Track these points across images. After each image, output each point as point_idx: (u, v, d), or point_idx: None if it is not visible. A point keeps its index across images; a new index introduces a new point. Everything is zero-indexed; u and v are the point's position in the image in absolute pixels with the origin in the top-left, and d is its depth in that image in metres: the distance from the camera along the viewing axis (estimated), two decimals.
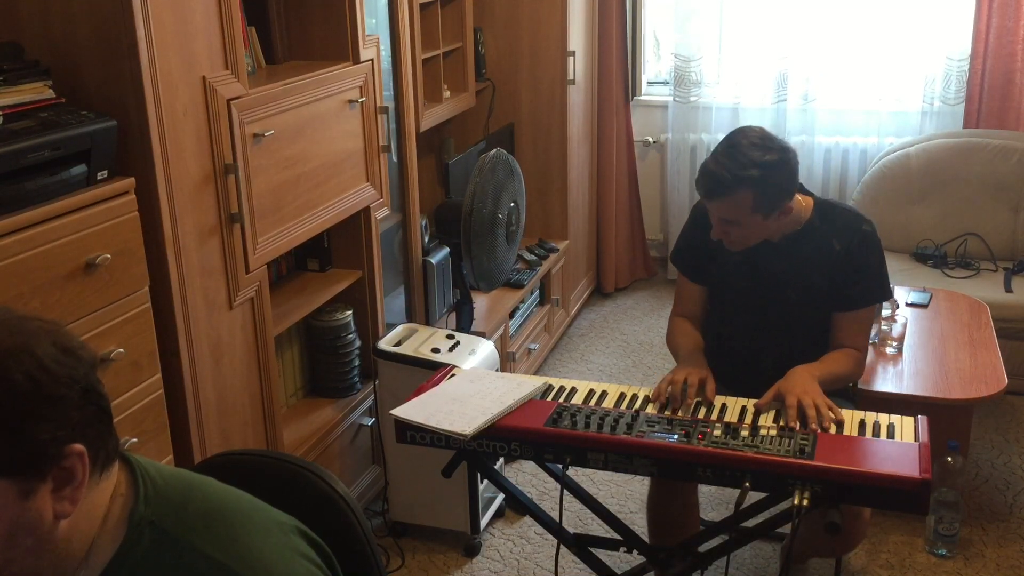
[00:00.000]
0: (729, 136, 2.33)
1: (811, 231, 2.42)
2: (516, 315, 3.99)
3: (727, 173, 2.24)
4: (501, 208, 3.36)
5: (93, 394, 1.06)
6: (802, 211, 2.42)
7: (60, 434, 1.01)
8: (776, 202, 2.30)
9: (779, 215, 2.33)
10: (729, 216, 2.31)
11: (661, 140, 5.13)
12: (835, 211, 2.46)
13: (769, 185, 2.25)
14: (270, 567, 1.10)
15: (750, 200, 2.26)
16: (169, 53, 2.08)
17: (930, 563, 2.90)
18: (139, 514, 1.09)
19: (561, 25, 4.26)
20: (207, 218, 2.27)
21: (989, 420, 3.69)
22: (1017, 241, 4.21)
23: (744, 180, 2.23)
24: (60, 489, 1.03)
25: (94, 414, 1.06)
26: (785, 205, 2.32)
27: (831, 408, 2.16)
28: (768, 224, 2.34)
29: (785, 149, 2.30)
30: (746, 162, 2.24)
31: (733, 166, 2.24)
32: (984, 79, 4.41)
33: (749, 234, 2.35)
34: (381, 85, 3.01)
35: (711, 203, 2.33)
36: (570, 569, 2.91)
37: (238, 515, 1.15)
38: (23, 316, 1.05)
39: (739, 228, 2.33)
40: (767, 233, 2.38)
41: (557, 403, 2.26)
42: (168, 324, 2.17)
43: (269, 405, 2.57)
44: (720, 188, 2.26)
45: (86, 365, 1.05)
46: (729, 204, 2.28)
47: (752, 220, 2.30)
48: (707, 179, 2.29)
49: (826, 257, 2.41)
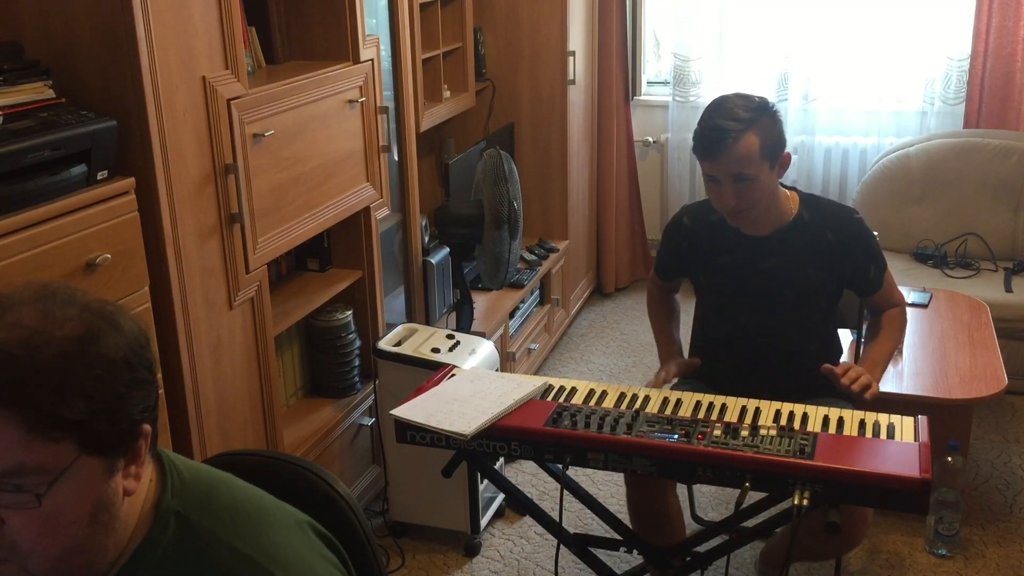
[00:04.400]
0: (711, 104, 2.39)
1: (801, 225, 2.45)
2: (516, 315, 3.99)
3: (731, 122, 2.29)
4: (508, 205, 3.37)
5: (157, 378, 1.10)
6: (790, 204, 2.46)
7: (144, 415, 1.06)
8: (778, 146, 2.35)
9: (780, 170, 2.38)
10: (741, 169, 2.30)
11: (661, 140, 5.13)
12: (822, 204, 2.51)
13: (770, 127, 2.32)
14: (292, 562, 1.12)
15: (757, 145, 2.29)
16: (169, 53, 2.08)
17: (930, 563, 2.90)
18: (166, 504, 1.12)
19: (561, 25, 4.26)
20: (207, 218, 2.26)
21: (989, 420, 3.69)
22: (1017, 241, 4.22)
23: (748, 123, 2.29)
24: (128, 467, 1.07)
25: (158, 398, 1.10)
26: (783, 156, 2.37)
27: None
28: (772, 182, 2.37)
29: (767, 100, 2.38)
30: (741, 112, 2.31)
31: (732, 117, 2.30)
32: (984, 79, 4.40)
33: (760, 192, 2.34)
34: (381, 85, 3.01)
35: (720, 160, 2.30)
36: (570, 569, 2.91)
37: (261, 511, 1.17)
38: (96, 297, 1.07)
39: (752, 184, 2.32)
40: (771, 195, 2.39)
41: (557, 403, 2.26)
42: (168, 324, 2.17)
43: (269, 405, 2.57)
44: (728, 137, 2.28)
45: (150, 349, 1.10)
46: (740, 153, 2.28)
47: (762, 169, 2.31)
48: (713, 134, 2.30)
49: (821, 249, 2.43)
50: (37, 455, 0.98)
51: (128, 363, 1.03)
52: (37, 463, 0.98)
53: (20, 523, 1.00)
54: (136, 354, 1.05)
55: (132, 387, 1.03)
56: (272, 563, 1.10)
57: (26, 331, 0.99)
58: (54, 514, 1.00)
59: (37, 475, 0.99)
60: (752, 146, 2.28)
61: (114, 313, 1.06)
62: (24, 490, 0.98)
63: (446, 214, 3.46)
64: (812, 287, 2.45)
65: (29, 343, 0.98)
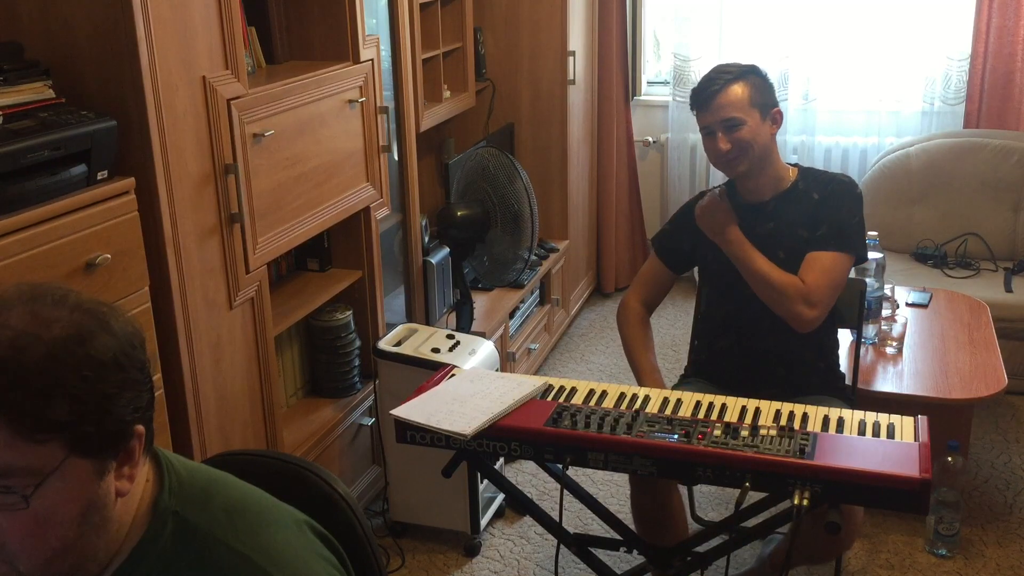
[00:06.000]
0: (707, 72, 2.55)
1: (796, 191, 2.56)
2: (516, 315, 3.99)
3: (722, 73, 2.48)
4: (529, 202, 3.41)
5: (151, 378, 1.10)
6: (788, 173, 2.57)
7: (135, 416, 1.06)
8: (768, 99, 2.49)
9: (772, 123, 2.50)
10: (732, 113, 2.44)
11: (661, 140, 5.13)
12: (818, 173, 2.63)
13: (759, 78, 2.49)
14: (290, 562, 1.12)
15: (748, 92, 2.45)
16: (169, 53, 2.08)
17: (930, 563, 2.90)
18: (164, 504, 1.12)
19: (561, 25, 4.26)
20: (207, 218, 2.26)
21: (989, 420, 3.69)
22: (1017, 241, 4.22)
23: (738, 73, 2.47)
24: (121, 468, 1.06)
25: (152, 399, 1.10)
26: (774, 111, 2.51)
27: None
28: (764, 132, 2.48)
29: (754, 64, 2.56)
30: (732, 65, 2.52)
31: (724, 69, 2.50)
32: (984, 79, 4.40)
33: (751, 138, 2.46)
34: (381, 85, 3.01)
35: (712, 105, 2.46)
36: (570, 569, 2.91)
37: (259, 511, 1.17)
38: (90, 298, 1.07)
39: (743, 129, 2.44)
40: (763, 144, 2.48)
41: (557, 403, 2.26)
42: (168, 324, 2.17)
43: (269, 405, 2.57)
44: (719, 83, 2.46)
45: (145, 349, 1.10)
46: (731, 98, 2.44)
47: (753, 116, 2.45)
48: (705, 83, 2.49)
49: (807, 209, 2.52)
50: (23, 456, 0.98)
51: (118, 364, 1.03)
52: (24, 464, 0.98)
53: (8, 524, 1.00)
54: (127, 355, 1.04)
55: (122, 388, 1.03)
56: (270, 563, 1.10)
57: (13, 333, 0.99)
58: (42, 515, 1.00)
59: (24, 476, 0.98)
60: (742, 92, 2.45)
61: (106, 314, 1.05)
62: (11, 491, 0.98)
63: (450, 216, 3.45)
64: (801, 249, 2.49)
65: (15, 344, 0.98)
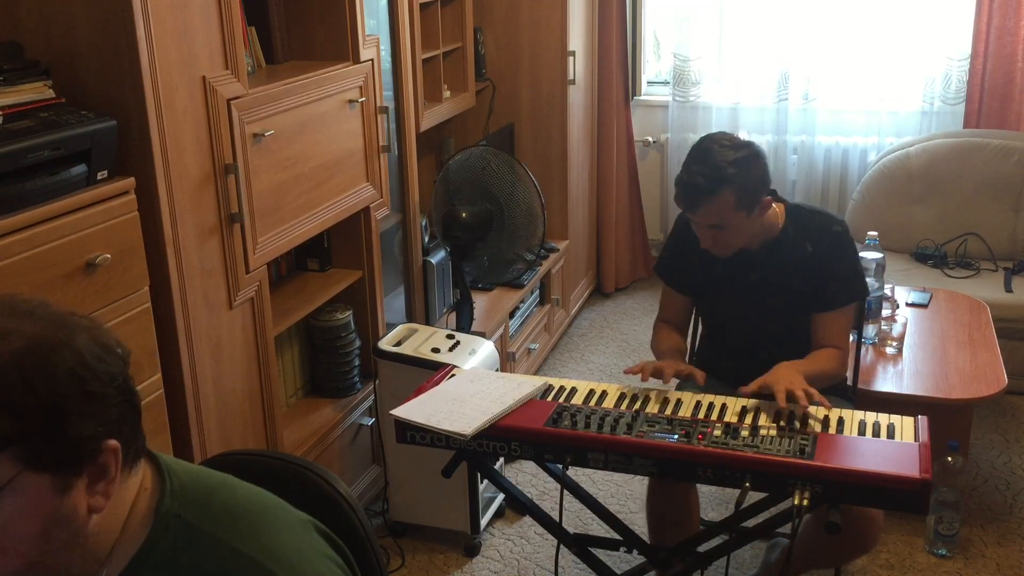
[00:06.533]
0: (696, 145, 2.40)
1: (786, 238, 2.48)
2: (516, 315, 3.99)
3: (705, 180, 2.30)
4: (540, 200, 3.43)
5: (127, 391, 1.07)
6: (777, 218, 2.48)
7: (100, 430, 1.02)
8: (756, 196, 2.35)
9: (760, 211, 2.38)
10: (715, 220, 2.35)
11: (661, 140, 5.13)
12: (806, 215, 2.51)
13: (747, 180, 2.32)
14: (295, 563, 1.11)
15: (732, 199, 2.31)
16: (169, 53, 2.08)
17: (930, 563, 2.90)
18: (165, 508, 1.11)
19: (561, 25, 4.26)
20: (207, 218, 2.26)
21: (989, 420, 3.69)
22: (1017, 241, 4.22)
23: (724, 180, 2.29)
24: (94, 484, 1.04)
25: (128, 411, 1.07)
26: (764, 200, 2.37)
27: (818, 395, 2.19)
28: (752, 223, 2.38)
29: (752, 144, 2.39)
30: (721, 163, 2.30)
31: (709, 171, 2.30)
32: (984, 79, 4.40)
33: (736, 235, 2.39)
34: (381, 85, 3.01)
35: (696, 214, 2.37)
36: (570, 569, 2.91)
37: (262, 512, 1.16)
38: (63, 311, 1.05)
39: (726, 232, 2.37)
40: (752, 232, 2.41)
41: (557, 403, 2.26)
42: (168, 324, 2.17)
43: (269, 405, 2.57)
44: (702, 196, 2.32)
45: (121, 362, 1.07)
46: (713, 208, 2.32)
47: (737, 219, 2.35)
48: (687, 190, 2.35)
49: (801, 261, 2.45)
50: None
51: (76, 377, 1.00)
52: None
53: None
54: (88, 368, 1.01)
55: (80, 402, 1.00)
56: (274, 563, 1.09)
57: None
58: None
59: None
60: (727, 202, 2.31)
61: (72, 326, 1.03)
62: None
63: (453, 218, 3.40)
64: (797, 297, 2.47)
65: None
